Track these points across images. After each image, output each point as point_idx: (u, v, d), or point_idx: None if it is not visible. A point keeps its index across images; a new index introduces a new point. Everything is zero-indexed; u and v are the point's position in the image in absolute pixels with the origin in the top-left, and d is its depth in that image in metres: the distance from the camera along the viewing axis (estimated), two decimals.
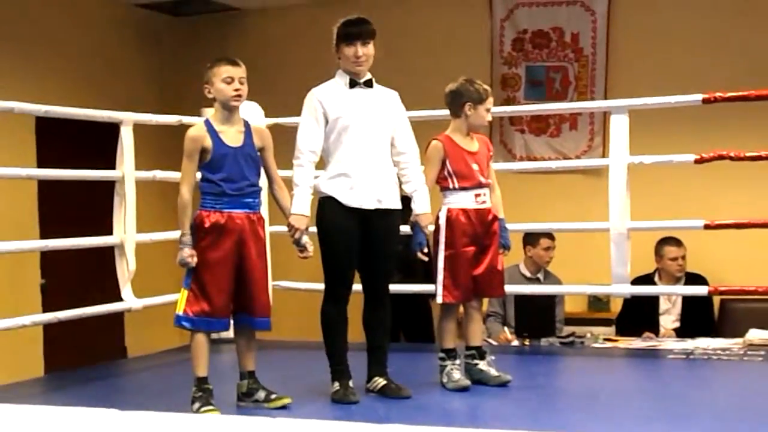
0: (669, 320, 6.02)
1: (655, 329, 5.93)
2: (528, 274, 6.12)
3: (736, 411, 3.86)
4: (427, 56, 7.66)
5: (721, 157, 5.06)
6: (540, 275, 6.15)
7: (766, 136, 6.31)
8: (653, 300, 5.98)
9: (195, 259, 3.86)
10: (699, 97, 5.12)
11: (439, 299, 4.27)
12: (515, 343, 5.75)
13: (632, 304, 5.88)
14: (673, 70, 7.06)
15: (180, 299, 3.93)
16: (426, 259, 4.26)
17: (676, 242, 6.04)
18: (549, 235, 6.11)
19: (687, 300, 6.00)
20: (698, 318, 5.99)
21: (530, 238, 6.09)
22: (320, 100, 4.09)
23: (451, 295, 4.25)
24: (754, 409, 3.89)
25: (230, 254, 3.90)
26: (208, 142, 3.91)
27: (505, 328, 5.94)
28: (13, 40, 7.03)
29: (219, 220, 3.90)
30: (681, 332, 5.90)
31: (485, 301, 5.02)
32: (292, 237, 4.04)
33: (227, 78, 3.94)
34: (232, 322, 4.04)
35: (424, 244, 4.21)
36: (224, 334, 4.17)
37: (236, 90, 3.94)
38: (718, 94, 5.09)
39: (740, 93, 5.12)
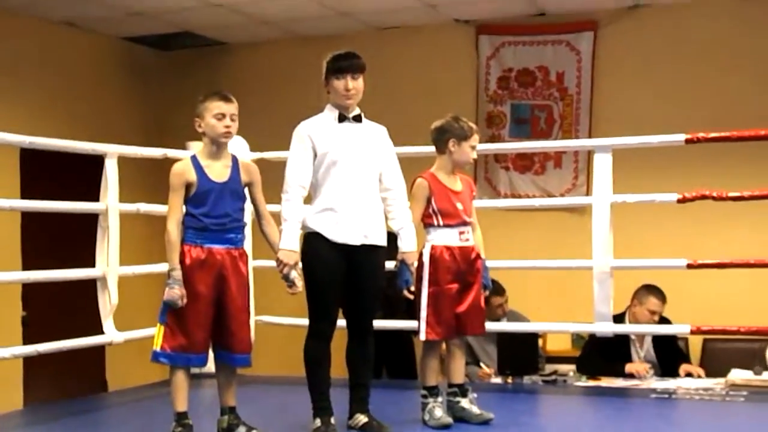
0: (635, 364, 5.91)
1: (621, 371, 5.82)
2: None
3: None
4: (414, 93, 7.71)
5: (703, 197, 5.09)
6: (503, 318, 6.09)
7: (748, 176, 6.36)
8: (624, 342, 5.91)
9: (185, 300, 3.83)
10: (682, 137, 5.16)
11: (422, 336, 4.26)
12: (497, 380, 5.72)
13: (599, 344, 5.78)
14: (656, 110, 7.12)
15: (156, 334, 3.91)
16: (412, 297, 4.24)
17: (662, 297, 5.90)
18: (498, 291, 5.97)
19: (657, 344, 5.93)
20: (669, 358, 5.92)
21: None
22: (309, 134, 4.09)
23: (434, 332, 4.24)
24: None
25: (209, 289, 3.89)
26: (193, 177, 3.91)
27: (481, 365, 5.93)
28: (0, 72, 7.03)
29: (199, 255, 3.89)
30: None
31: None
32: (280, 272, 4.02)
33: (218, 114, 3.94)
34: (211, 356, 4.02)
35: (410, 282, 4.20)
36: (206, 369, 4.15)
37: (226, 127, 3.95)
38: (701, 135, 5.13)
39: (722, 134, 5.17)
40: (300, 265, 4.06)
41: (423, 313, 4.22)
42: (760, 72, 7.05)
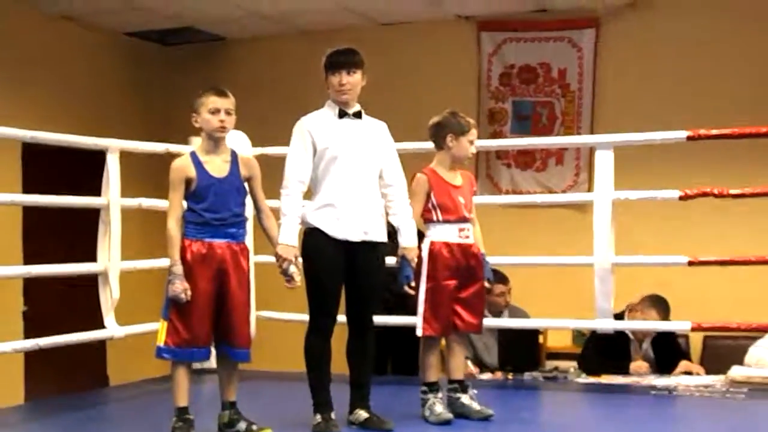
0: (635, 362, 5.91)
1: (624, 370, 5.82)
2: (490, 316, 5.99)
3: None
4: (416, 89, 7.70)
5: (705, 194, 5.08)
6: (504, 314, 6.07)
7: (750, 173, 6.35)
8: (625, 340, 5.91)
9: (189, 293, 3.83)
10: (684, 134, 5.15)
11: (420, 332, 4.26)
12: (485, 376, 5.72)
13: (600, 342, 5.79)
14: (658, 107, 7.11)
15: (160, 330, 3.91)
16: (413, 293, 4.24)
17: (664, 313, 5.81)
18: (502, 280, 5.97)
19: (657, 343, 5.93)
20: (668, 357, 5.91)
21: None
22: (309, 130, 4.09)
23: (431, 328, 4.24)
24: None
25: (210, 284, 3.89)
26: (192, 173, 3.91)
27: (468, 362, 5.92)
28: (1, 67, 7.03)
29: (200, 250, 3.89)
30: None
31: None
32: (279, 267, 4.03)
33: (213, 109, 3.95)
34: (213, 351, 4.02)
35: (411, 278, 4.20)
36: (206, 364, 4.15)
37: (221, 121, 3.95)
38: (702, 132, 5.13)
39: (724, 131, 5.16)
40: (299, 260, 4.07)
41: (420, 309, 4.23)
42: (762, 68, 7.04)
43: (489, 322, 4.78)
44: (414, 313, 4.25)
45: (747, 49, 7.09)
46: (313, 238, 4.07)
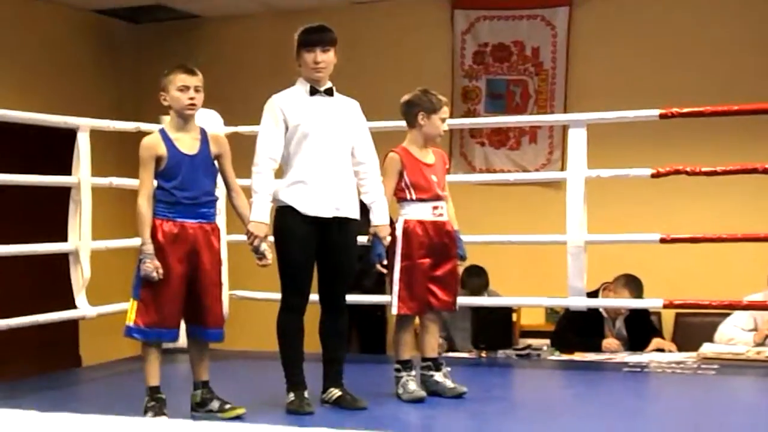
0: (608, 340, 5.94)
1: (597, 347, 5.80)
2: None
3: (689, 424, 3.89)
4: (389, 68, 7.68)
5: (677, 172, 5.10)
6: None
7: (722, 151, 6.40)
8: (598, 318, 5.95)
9: (161, 271, 3.81)
10: (656, 112, 5.17)
11: (394, 310, 4.26)
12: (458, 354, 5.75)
13: (573, 320, 5.83)
14: (632, 85, 7.13)
15: (130, 309, 3.89)
16: (384, 271, 4.25)
17: (637, 292, 5.79)
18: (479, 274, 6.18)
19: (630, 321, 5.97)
20: (641, 335, 5.95)
21: None
22: (281, 107, 4.07)
23: (407, 307, 4.24)
24: (706, 422, 3.92)
25: (182, 265, 3.87)
26: (163, 150, 3.88)
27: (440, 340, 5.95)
28: None
29: (172, 230, 3.87)
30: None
31: None
32: (250, 244, 4.01)
33: (182, 86, 3.91)
34: (183, 332, 4.00)
35: (383, 256, 4.20)
36: (179, 344, 4.14)
37: (191, 99, 3.92)
38: (674, 110, 5.14)
39: (696, 109, 5.17)
40: (270, 237, 4.05)
41: (395, 288, 4.23)
42: (735, 49, 7.07)
43: (463, 300, 4.79)
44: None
45: (719, 29, 7.11)
46: (284, 216, 4.05)
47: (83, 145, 5.14)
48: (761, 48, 7.02)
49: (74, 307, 5.16)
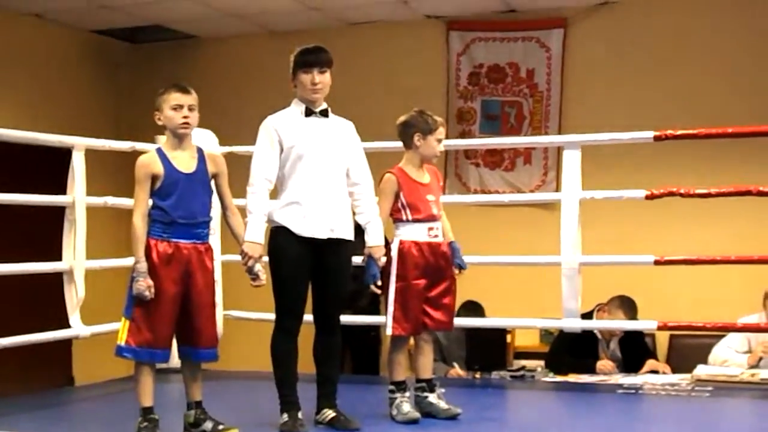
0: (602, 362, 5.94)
1: (591, 369, 5.80)
2: None
3: None
4: (384, 88, 7.71)
5: (671, 194, 5.11)
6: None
7: (715, 173, 6.40)
8: (592, 339, 5.95)
9: (153, 291, 3.80)
10: (650, 134, 5.18)
11: (389, 331, 4.25)
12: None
13: (567, 341, 5.84)
14: (626, 107, 7.16)
15: (121, 329, 3.88)
16: (379, 292, 4.24)
17: (631, 314, 5.83)
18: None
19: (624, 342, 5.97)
20: (635, 356, 5.94)
21: None
22: (275, 128, 4.07)
23: (401, 328, 4.24)
24: None
25: (176, 285, 3.86)
26: (159, 168, 3.88)
27: (455, 365, 5.94)
28: None
29: (166, 250, 3.86)
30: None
31: None
32: (244, 265, 4.01)
33: (175, 105, 3.91)
34: (175, 353, 3.99)
35: (378, 276, 4.20)
36: (172, 364, 4.13)
37: (184, 117, 3.91)
38: (669, 132, 5.16)
39: (690, 131, 5.20)
40: (265, 258, 4.05)
41: (390, 308, 4.22)
42: (730, 69, 7.11)
43: (458, 321, 4.79)
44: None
45: (716, 49, 7.15)
46: (279, 236, 4.05)
47: (78, 165, 5.14)
48: (757, 68, 7.06)
49: (68, 326, 5.15)
